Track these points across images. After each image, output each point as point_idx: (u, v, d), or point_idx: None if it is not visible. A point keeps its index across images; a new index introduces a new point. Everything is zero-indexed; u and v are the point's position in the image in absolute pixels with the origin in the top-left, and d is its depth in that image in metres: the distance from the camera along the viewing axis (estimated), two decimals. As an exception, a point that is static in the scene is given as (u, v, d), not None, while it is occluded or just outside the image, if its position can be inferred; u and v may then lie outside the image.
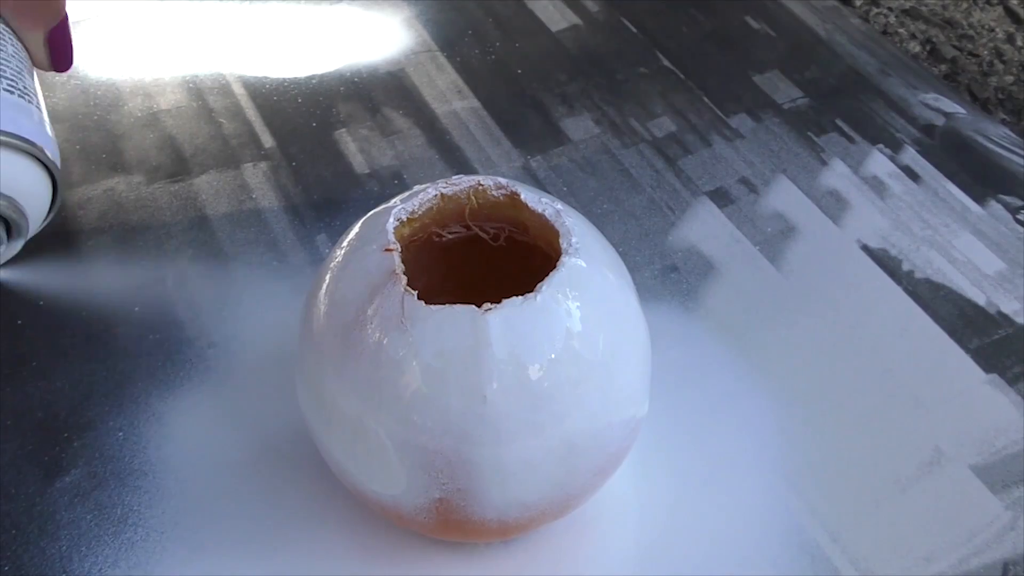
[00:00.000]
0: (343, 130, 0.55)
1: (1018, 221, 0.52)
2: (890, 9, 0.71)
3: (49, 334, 0.45)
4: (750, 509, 0.40)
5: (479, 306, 0.31)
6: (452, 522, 0.34)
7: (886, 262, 0.49)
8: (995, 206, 0.52)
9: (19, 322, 0.45)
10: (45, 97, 0.50)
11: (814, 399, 0.44)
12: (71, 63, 0.45)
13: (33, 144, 0.38)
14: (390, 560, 0.38)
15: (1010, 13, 0.71)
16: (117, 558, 0.38)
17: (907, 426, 0.43)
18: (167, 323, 0.45)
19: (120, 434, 0.41)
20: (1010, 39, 0.69)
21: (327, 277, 0.34)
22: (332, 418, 0.33)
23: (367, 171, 0.53)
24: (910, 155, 0.55)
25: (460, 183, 0.36)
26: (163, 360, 0.44)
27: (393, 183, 0.52)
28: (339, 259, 0.34)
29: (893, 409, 0.43)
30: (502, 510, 0.33)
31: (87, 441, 0.41)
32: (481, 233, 0.38)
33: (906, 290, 0.48)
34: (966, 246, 0.50)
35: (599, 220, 0.50)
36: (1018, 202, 0.53)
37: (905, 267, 0.49)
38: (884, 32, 0.69)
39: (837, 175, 0.54)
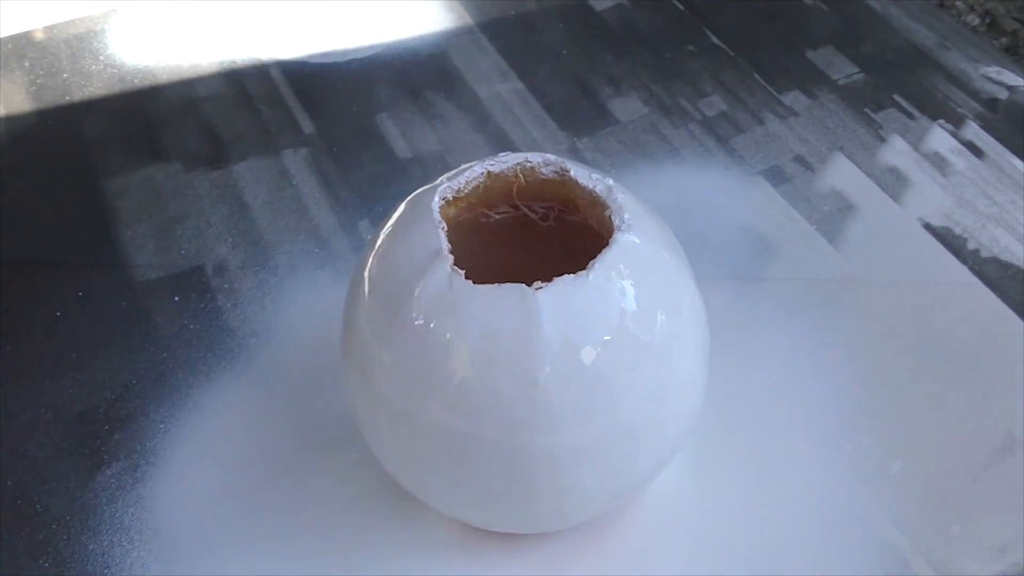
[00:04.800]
0: (384, 114, 0.54)
1: (1089, 196, 0.49)
2: (946, -18, 0.69)
3: (88, 326, 0.44)
4: (814, 500, 0.38)
5: (529, 285, 0.29)
6: (503, 512, 0.33)
7: (950, 241, 0.47)
8: (1064, 181, 0.50)
9: (58, 314, 0.44)
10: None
11: (878, 386, 0.42)
12: None
13: None
14: (437, 551, 0.37)
15: (1072, -17, 0.69)
16: (160, 553, 0.37)
17: (977, 411, 0.41)
18: (207, 313, 0.44)
19: (161, 426, 0.40)
20: (1073, 10, 0.67)
21: (371, 259, 0.33)
22: (378, 405, 0.32)
23: (409, 155, 0.52)
24: (973, 130, 0.53)
25: (507, 160, 0.35)
26: (203, 351, 0.43)
27: (436, 167, 0.51)
28: (383, 240, 0.33)
29: (961, 394, 0.41)
30: (556, 500, 0.32)
31: (128, 434, 0.40)
32: (530, 213, 0.36)
33: (972, 269, 0.46)
34: (1035, 223, 0.48)
35: (649, 201, 0.49)
36: (1088, 176, 0.50)
37: (970, 246, 0.47)
38: (941, 5, 0.67)
39: (896, 152, 0.52)
